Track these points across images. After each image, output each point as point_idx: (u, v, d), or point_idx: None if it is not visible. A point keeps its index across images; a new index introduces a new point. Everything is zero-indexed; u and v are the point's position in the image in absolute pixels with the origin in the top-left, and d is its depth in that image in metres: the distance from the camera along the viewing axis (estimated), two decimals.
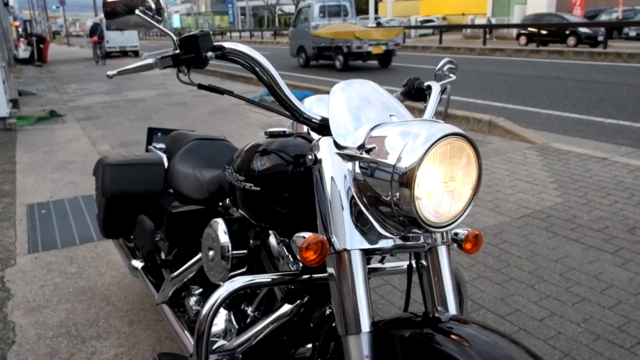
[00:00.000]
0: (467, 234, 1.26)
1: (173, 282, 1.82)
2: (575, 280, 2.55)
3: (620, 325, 2.18)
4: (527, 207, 3.48)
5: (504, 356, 0.92)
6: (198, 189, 1.80)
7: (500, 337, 0.97)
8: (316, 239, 1.01)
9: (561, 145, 4.91)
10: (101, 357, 2.08)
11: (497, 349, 0.94)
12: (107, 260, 2.94)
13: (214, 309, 1.13)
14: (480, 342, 0.95)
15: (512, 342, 0.96)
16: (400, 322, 1.06)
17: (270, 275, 1.21)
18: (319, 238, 1.02)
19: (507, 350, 0.93)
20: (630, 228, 3.10)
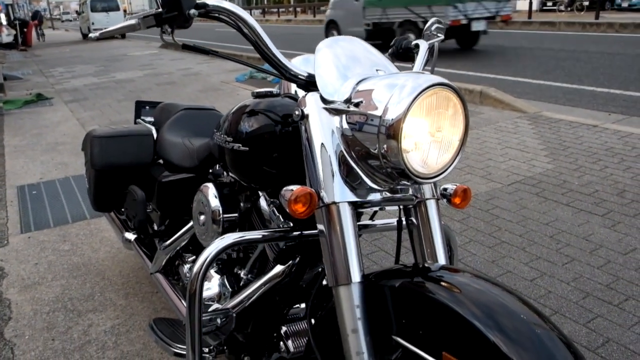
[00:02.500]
0: (455, 188, 1.27)
1: (166, 251, 1.82)
2: (566, 242, 2.58)
3: (609, 283, 2.22)
4: (518, 173, 3.50)
5: (495, 303, 0.92)
6: (188, 157, 1.79)
7: (492, 285, 0.97)
8: (304, 191, 1.02)
9: (552, 114, 4.92)
10: (98, 329, 2.09)
11: (488, 295, 0.94)
12: (100, 237, 2.94)
13: (205, 266, 1.13)
14: (471, 290, 0.95)
15: (504, 290, 0.96)
16: (391, 273, 1.07)
17: (260, 232, 1.21)
18: (307, 190, 1.02)
19: (499, 298, 0.93)
20: (619, 191, 3.13)
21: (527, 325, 0.88)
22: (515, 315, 0.90)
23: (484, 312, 0.89)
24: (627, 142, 3.98)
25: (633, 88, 6.07)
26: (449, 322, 0.91)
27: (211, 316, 1.26)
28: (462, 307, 0.91)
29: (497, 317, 0.89)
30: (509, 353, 0.83)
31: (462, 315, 0.89)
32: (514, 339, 0.85)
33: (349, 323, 1.01)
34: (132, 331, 2.06)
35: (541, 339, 0.86)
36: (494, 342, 0.85)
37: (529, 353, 0.84)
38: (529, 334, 0.87)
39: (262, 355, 1.46)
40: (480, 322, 0.88)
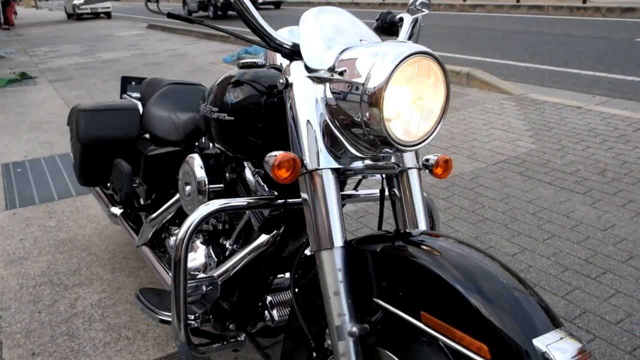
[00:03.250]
0: (437, 159, 1.29)
1: (152, 224, 1.83)
2: (547, 219, 2.63)
3: (587, 257, 2.28)
4: (503, 153, 3.54)
5: (477, 267, 0.94)
6: (174, 130, 1.80)
7: (474, 250, 1.00)
8: (288, 157, 1.03)
9: (537, 96, 4.96)
10: (85, 302, 2.10)
11: (470, 260, 0.96)
12: (86, 213, 2.94)
13: (190, 232, 1.15)
14: (453, 254, 0.97)
15: (485, 255, 0.99)
16: (372, 239, 1.09)
17: (245, 199, 1.23)
18: (291, 156, 1.04)
19: (481, 263, 0.96)
20: (601, 170, 3.18)
21: (506, 289, 0.91)
22: (495, 278, 0.93)
23: (463, 275, 0.92)
24: (610, 123, 4.04)
25: (617, 71, 6.14)
26: (428, 283, 0.94)
27: (196, 283, 1.28)
28: (441, 269, 0.94)
29: (476, 279, 0.92)
30: (487, 315, 0.86)
31: (441, 277, 0.92)
32: (493, 301, 0.88)
33: (331, 286, 1.04)
34: (119, 304, 2.08)
35: (520, 303, 0.89)
36: (472, 302, 0.88)
37: (507, 315, 0.87)
38: (507, 297, 0.90)
39: (248, 323, 1.49)
40: (459, 284, 0.91)
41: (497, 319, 0.85)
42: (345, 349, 1.02)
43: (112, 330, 1.92)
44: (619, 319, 1.89)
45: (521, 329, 0.84)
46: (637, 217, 2.61)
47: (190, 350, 1.21)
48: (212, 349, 1.33)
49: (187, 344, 1.20)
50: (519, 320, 0.86)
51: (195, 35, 11.93)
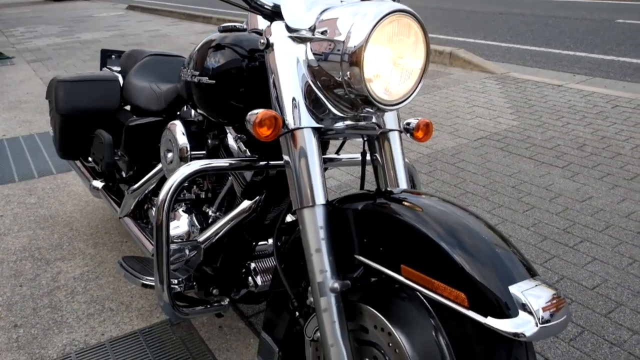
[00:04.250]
0: (417, 122, 1.30)
1: (134, 195, 1.82)
2: (527, 191, 2.67)
3: (566, 227, 2.32)
4: (485, 130, 3.58)
5: (456, 221, 0.95)
6: (155, 100, 1.78)
7: (457, 207, 1.01)
8: (269, 114, 1.04)
9: (519, 75, 5.00)
10: (67, 275, 2.09)
11: (452, 217, 0.97)
12: (67, 190, 2.91)
13: (171, 193, 1.15)
14: (435, 211, 0.98)
15: (466, 211, 1.00)
16: (354, 198, 1.10)
17: (227, 160, 1.23)
18: (272, 113, 1.04)
19: (460, 217, 0.97)
20: (580, 145, 3.24)
21: (484, 241, 0.93)
22: (473, 231, 0.95)
23: (443, 228, 0.94)
24: (589, 100, 4.10)
25: (597, 51, 6.20)
26: (408, 237, 0.96)
27: (179, 246, 1.29)
28: (421, 223, 0.95)
29: (455, 232, 0.93)
30: (465, 265, 0.88)
31: (420, 230, 0.94)
32: (471, 252, 0.90)
33: (312, 243, 1.05)
34: (102, 277, 2.07)
35: (497, 254, 0.91)
36: (450, 253, 0.90)
37: (485, 264, 0.88)
38: (485, 248, 0.91)
39: (231, 289, 1.50)
40: (438, 236, 0.92)
41: (475, 268, 0.87)
42: (327, 305, 1.03)
43: (96, 302, 1.92)
44: (595, 284, 1.94)
45: (498, 277, 0.86)
46: (614, 189, 2.66)
47: (174, 311, 1.22)
48: (195, 311, 1.34)
49: (170, 304, 1.20)
50: (496, 269, 0.88)
51: (177, 17, 11.74)
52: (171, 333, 1.74)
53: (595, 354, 1.62)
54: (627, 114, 3.77)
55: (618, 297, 1.87)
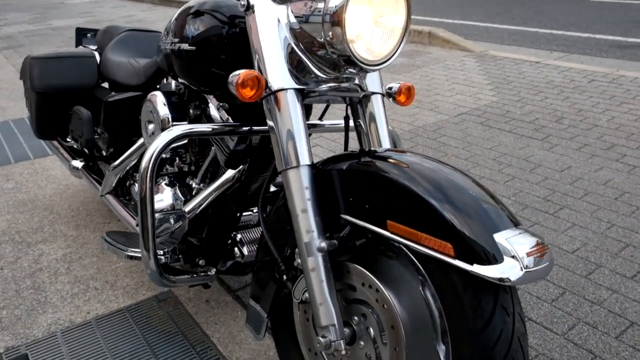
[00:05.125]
0: (400, 86, 1.31)
1: (115, 172, 1.80)
2: (507, 163, 2.70)
3: (545, 196, 2.36)
4: (465, 106, 3.60)
5: (444, 178, 0.95)
6: (134, 75, 1.76)
7: (441, 164, 1.01)
8: (251, 74, 1.03)
9: (497, 53, 5.03)
10: (49, 257, 2.07)
11: (437, 171, 0.97)
12: (46, 175, 2.86)
13: (154, 158, 1.13)
14: (419, 167, 0.98)
15: (454, 169, 1.01)
16: (337, 158, 1.10)
17: (210, 125, 1.22)
18: (254, 73, 1.03)
19: (448, 174, 0.97)
20: (558, 118, 3.28)
21: (468, 193, 0.94)
22: (457, 184, 0.95)
23: (427, 181, 0.94)
24: (567, 75, 4.15)
25: (574, 29, 6.27)
26: (392, 192, 0.96)
27: (164, 215, 1.28)
28: (405, 178, 0.96)
29: (439, 185, 0.94)
30: (450, 216, 0.89)
31: (405, 184, 0.95)
32: (456, 203, 0.91)
33: (298, 204, 1.05)
34: (85, 258, 2.05)
35: (481, 205, 0.92)
36: (435, 205, 0.90)
37: (469, 215, 0.89)
38: (469, 200, 0.92)
39: (217, 260, 1.50)
40: (422, 189, 0.93)
41: (460, 219, 0.88)
42: (315, 265, 1.04)
43: (80, 282, 1.90)
44: (575, 248, 1.98)
45: (483, 226, 0.88)
46: (592, 159, 2.71)
47: (161, 279, 1.21)
48: (182, 280, 1.34)
49: (157, 272, 1.19)
50: (480, 219, 0.89)
51: (151, 2, 11.53)
52: (158, 309, 1.74)
53: (576, 313, 1.66)
54: (603, 87, 3.82)
55: (597, 259, 1.91)
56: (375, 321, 1.04)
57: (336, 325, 1.03)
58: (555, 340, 1.55)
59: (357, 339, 1.08)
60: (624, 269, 1.86)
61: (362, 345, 1.07)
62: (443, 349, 0.99)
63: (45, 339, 1.62)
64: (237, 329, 1.63)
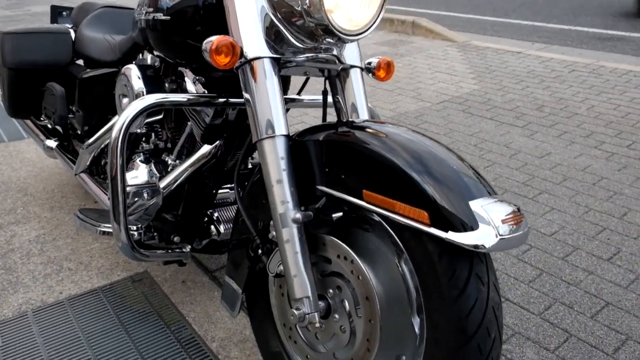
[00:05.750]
0: (379, 61, 1.29)
1: (90, 150, 1.76)
2: (488, 149, 2.71)
3: (525, 181, 2.37)
4: (446, 94, 3.61)
5: (421, 147, 0.94)
6: (109, 51, 1.72)
7: (420, 135, 1.00)
8: (226, 40, 1.00)
9: (480, 43, 5.05)
10: (22, 239, 2.02)
11: (416, 143, 0.95)
12: (20, 157, 2.79)
13: (125, 126, 1.10)
14: (398, 137, 0.96)
15: (431, 139, 0.99)
16: (314, 129, 1.08)
17: (185, 95, 1.19)
18: (229, 39, 1.01)
19: (425, 143, 0.96)
20: (538, 106, 3.30)
21: (444, 163, 0.92)
22: (434, 154, 0.94)
23: (404, 150, 0.93)
24: (548, 65, 4.18)
25: (555, 21, 6.32)
26: (368, 161, 0.95)
27: (137, 189, 1.25)
28: (382, 148, 0.94)
29: (416, 154, 0.92)
30: (425, 184, 0.87)
31: (380, 153, 0.93)
32: (432, 172, 0.89)
33: (273, 174, 1.03)
34: (59, 239, 2.01)
35: (458, 174, 0.90)
36: (410, 174, 0.89)
37: (445, 183, 0.88)
38: (446, 169, 0.91)
39: (193, 237, 1.47)
40: (398, 158, 0.92)
41: (435, 187, 0.87)
42: (290, 236, 1.02)
43: (53, 263, 1.85)
44: (553, 231, 1.99)
45: (458, 193, 0.87)
46: (571, 146, 2.73)
47: (133, 252, 1.19)
48: (156, 255, 1.31)
49: (129, 245, 1.17)
50: (456, 187, 0.88)
51: None
52: (133, 289, 1.71)
53: (553, 293, 1.67)
54: (583, 77, 3.86)
55: (574, 242, 1.93)
56: (350, 293, 1.03)
57: (310, 298, 1.01)
58: (531, 320, 1.56)
59: (331, 312, 1.06)
60: (601, 252, 1.87)
61: (337, 319, 1.06)
62: (418, 321, 0.98)
63: (15, 318, 1.58)
64: (213, 309, 1.61)
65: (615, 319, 1.56)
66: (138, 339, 1.48)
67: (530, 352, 1.43)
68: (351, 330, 1.04)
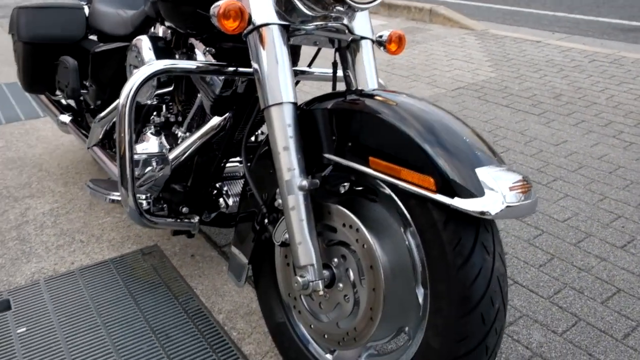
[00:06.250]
0: (390, 34, 1.28)
1: (102, 123, 1.77)
2: (502, 135, 2.68)
3: (539, 167, 2.34)
4: (462, 81, 3.56)
5: (431, 117, 0.92)
6: (122, 25, 1.72)
7: (430, 104, 0.98)
8: (234, 4, 1.00)
9: (498, 31, 4.97)
10: (36, 211, 2.05)
11: (425, 111, 0.94)
12: (37, 135, 2.83)
13: (134, 90, 1.11)
14: (409, 106, 0.95)
15: (443, 110, 0.98)
16: (322, 98, 1.08)
17: (194, 62, 1.19)
18: (237, 4, 1.00)
19: (436, 114, 0.94)
20: (556, 95, 3.25)
21: (453, 130, 0.92)
22: (443, 121, 0.93)
23: (413, 119, 0.92)
24: (567, 55, 4.10)
25: (577, 12, 6.20)
26: (375, 128, 0.94)
27: (147, 156, 1.25)
28: (389, 115, 0.93)
29: (424, 121, 0.91)
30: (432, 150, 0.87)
31: (387, 120, 0.92)
32: (439, 138, 0.89)
33: (280, 141, 1.03)
34: (72, 212, 2.03)
35: (466, 142, 0.89)
36: (417, 140, 0.88)
37: (452, 150, 0.87)
38: (454, 136, 0.90)
39: (202, 211, 1.48)
40: (405, 125, 0.91)
41: (442, 153, 0.86)
42: (295, 203, 1.02)
43: (65, 235, 1.88)
44: (566, 218, 1.96)
45: (466, 160, 0.86)
46: (588, 134, 2.68)
47: (141, 218, 1.19)
48: (164, 222, 1.32)
49: (136, 209, 1.17)
50: (463, 154, 0.87)
51: None
52: (143, 261, 1.72)
53: (563, 278, 1.64)
54: (603, 67, 3.78)
55: (588, 228, 1.90)
56: (354, 262, 1.02)
57: (315, 265, 1.01)
58: (540, 303, 1.54)
59: (336, 281, 1.06)
60: (614, 239, 1.84)
61: (341, 288, 1.05)
62: (422, 292, 0.98)
63: (28, 286, 1.60)
64: (221, 282, 1.61)
65: (626, 306, 1.53)
66: (146, 309, 1.50)
67: (537, 335, 1.42)
68: (355, 300, 1.04)
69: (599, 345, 1.38)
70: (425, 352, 0.92)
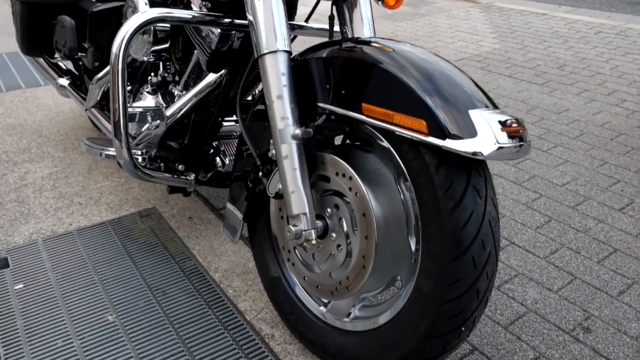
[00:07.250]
0: None
1: (100, 84, 1.76)
2: (504, 104, 2.66)
3: (540, 134, 2.32)
4: (466, 52, 3.52)
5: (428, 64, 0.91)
6: None
7: (427, 52, 0.96)
8: None
9: (504, 4, 4.90)
10: (35, 175, 2.05)
11: (421, 58, 0.92)
12: (37, 103, 2.82)
13: (127, 37, 1.09)
14: (404, 52, 0.94)
15: (440, 57, 0.96)
16: (316, 47, 1.06)
17: (189, 12, 1.17)
18: None
19: (431, 60, 0.93)
20: (560, 65, 3.21)
21: (447, 75, 0.90)
22: (436, 66, 0.92)
23: (407, 63, 0.90)
24: (573, 27, 4.05)
25: None
26: (367, 74, 0.93)
27: (141, 110, 1.25)
28: (382, 60, 0.92)
29: (419, 67, 0.90)
30: (424, 93, 0.85)
31: (380, 65, 0.91)
32: (432, 83, 0.87)
33: (274, 90, 1.02)
34: (71, 176, 2.03)
35: (461, 86, 0.88)
36: (409, 84, 0.87)
37: (445, 93, 0.86)
38: (448, 81, 0.88)
39: (199, 169, 1.48)
40: (396, 69, 0.90)
41: (435, 95, 0.85)
42: (288, 152, 1.01)
43: (64, 198, 1.89)
44: (565, 182, 1.95)
45: (459, 102, 0.85)
46: (590, 103, 2.66)
47: (136, 171, 1.19)
48: (159, 176, 1.31)
49: (131, 162, 1.17)
50: (456, 97, 0.86)
51: None
52: (140, 223, 1.73)
53: (560, 239, 1.64)
54: (609, 39, 3.73)
55: (587, 192, 1.89)
56: (347, 211, 1.02)
57: (307, 214, 1.01)
58: (536, 263, 1.54)
59: (329, 231, 1.06)
60: (613, 202, 1.84)
61: (334, 238, 1.05)
62: (415, 240, 0.98)
63: (25, 245, 1.62)
64: (218, 243, 1.62)
65: (622, 265, 1.53)
66: (143, 268, 1.51)
67: (533, 292, 1.42)
68: (347, 250, 1.04)
69: (594, 301, 1.39)
70: (417, 297, 0.93)
